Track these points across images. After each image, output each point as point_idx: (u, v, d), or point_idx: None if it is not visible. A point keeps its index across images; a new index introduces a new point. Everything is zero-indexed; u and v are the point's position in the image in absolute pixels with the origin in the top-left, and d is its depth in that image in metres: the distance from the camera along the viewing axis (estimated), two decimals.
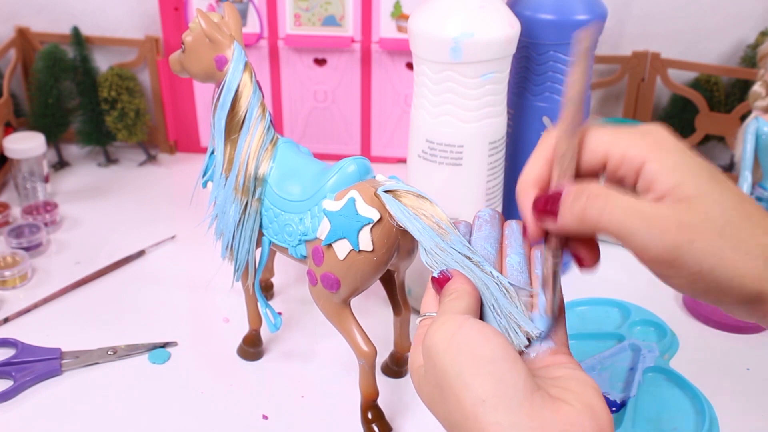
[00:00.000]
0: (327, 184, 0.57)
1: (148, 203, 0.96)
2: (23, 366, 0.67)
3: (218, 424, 0.63)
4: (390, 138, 1.03)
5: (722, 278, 0.37)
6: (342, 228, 0.55)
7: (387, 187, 0.54)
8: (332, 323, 0.59)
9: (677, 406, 0.63)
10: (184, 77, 0.66)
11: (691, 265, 0.37)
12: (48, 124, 1.00)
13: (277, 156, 0.62)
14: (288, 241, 0.60)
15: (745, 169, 0.85)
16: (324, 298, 0.58)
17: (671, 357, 0.69)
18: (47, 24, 1.04)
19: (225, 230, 0.62)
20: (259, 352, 0.70)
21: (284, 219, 0.60)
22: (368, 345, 0.58)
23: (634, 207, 0.38)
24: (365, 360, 0.58)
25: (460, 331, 0.40)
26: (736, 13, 1.00)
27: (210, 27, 0.60)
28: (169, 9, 0.97)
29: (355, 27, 0.97)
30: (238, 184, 0.60)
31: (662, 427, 0.61)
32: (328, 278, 0.56)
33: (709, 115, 0.98)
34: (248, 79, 0.60)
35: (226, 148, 0.61)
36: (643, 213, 0.38)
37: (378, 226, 0.54)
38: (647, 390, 0.64)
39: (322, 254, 0.56)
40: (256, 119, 0.60)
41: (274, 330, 0.65)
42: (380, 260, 0.55)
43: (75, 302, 0.77)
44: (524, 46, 0.72)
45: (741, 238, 0.37)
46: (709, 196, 0.38)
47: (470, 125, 0.67)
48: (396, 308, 0.64)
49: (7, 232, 0.84)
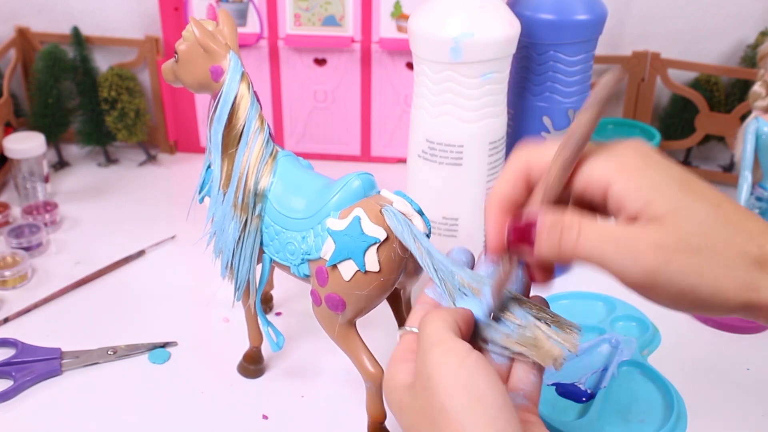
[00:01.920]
0: (331, 201, 0.55)
1: (148, 203, 0.95)
2: (23, 366, 0.67)
3: (218, 424, 0.63)
4: (390, 138, 1.03)
5: (705, 294, 0.36)
6: (347, 248, 0.52)
7: (391, 210, 0.52)
8: (337, 344, 0.57)
9: (648, 400, 0.64)
10: (177, 87, 0.63)
11: (670, 286, 0.36)
12: (48, 124, 1.00)
13: (278, 170, 0.59)
14: (290, 260, 0.57)
15: (745, 169, 0.85)
16: (328, 319, 0.56)
17: (651, 352, 0.70)
18: (47, 24, 1.04)
19: (224, 248, 0.60)
20: (260, 369, 0.67)
21: (286, 237, 0.57)
22: (375, 367, 0.56)
23: (607, 233, 0.37)
24: (372, 382, 0.56)
25: (465, 366, 0.38)
26: (736, 13, 1.00)
27: (204, 36, 0.58)
28: (169, 9, 0.97)
29: (355, 27, 0.97)
30: (236, 200, 0.58)
31: (629, 419, 0.62)
32: (333, 299, 0.54)
33: (709, 115, 0.98)
34: (245, 90, 0.58)
35: (224, 162, 0.59)
36: (616, 239, 0.37)
37: (385, 246, 0.52)
38: (620, 383, 0.65)
39: (326, 275, 0.54)
40: (254, 132, 0.58)
41: (277, 349, 0.63)
42: (387, 281, 0.53)
43: (75, 302, 0.77)
44: (524, 46, 0.72)
45: (718, 251, 0.36)
46: (680, 210, 0.37)
47: (470, 125, 0.67)
48: (402, 325, 0.61)
49: (7, 232, 0.84)
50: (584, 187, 0.39)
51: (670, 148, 1.02)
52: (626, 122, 1.01)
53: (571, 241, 0.38)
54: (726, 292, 0.36)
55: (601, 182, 0.39)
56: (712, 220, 0.37)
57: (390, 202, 0.54)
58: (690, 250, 0.36)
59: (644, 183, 0.38)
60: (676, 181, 0.38)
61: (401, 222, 0.51)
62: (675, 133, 1.02)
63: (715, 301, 0.36)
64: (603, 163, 0.39)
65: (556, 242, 0.39)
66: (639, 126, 1.00)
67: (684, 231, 0.36)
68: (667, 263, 0.36)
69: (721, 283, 0.36)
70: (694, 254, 0.36)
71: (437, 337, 0.40)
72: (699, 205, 0.37)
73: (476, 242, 0.72)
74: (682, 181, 0.38)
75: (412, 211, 0.54)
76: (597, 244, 0.38)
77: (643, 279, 0.37)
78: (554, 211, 0.40)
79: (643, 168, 0.38)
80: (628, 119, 1.02)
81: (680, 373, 0.67)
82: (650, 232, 0.37)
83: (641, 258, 0.36)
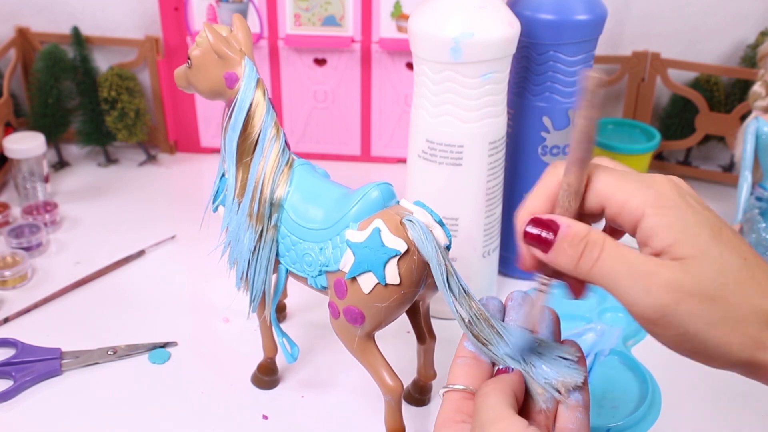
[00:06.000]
0: (350, 212, 0.54)
1: (148, 203, 0.96)
2: (23, 366, 0.67)
3: (218, 424, 0.63)
4: (390, 138, 1.03)
5: (709, 343, 0.36)
6: (367, 260, 0.51)
7: (411, 218, 0.52)
8: (355, 357, 0.56)
9: (624, 388, 0.65)
10: (190, 93, 0.61)
11: (676, 326, 0.36)
12: (48, 124, 1.00)
13: (294, 179, 0.58)
14: (307, 271, 0.56)
15: (745, 169, 0.85)
16: (346, 332, 0.55)
17: (636, 343, 0.71)
18: (47, 24, 1.04)
19: (239, 259, 0.59)
20: (274, 380, 0.66)
21: (302, 248, 0.56)
22: (394, 380, 0.54)
23: (626, 259, 0.37)
24: (391, 395, 0.55)
25: None
26: (736, 13, 1.00)
27: (218, 42, 0.56)
28: (169, 9, 0.97)
29: (355, 27, 0.97)
30: (252, 210, 0.57)
31: (602, 404, 0.63)
32: (352, 312, 0.53)
33: (709, 115, 0.98)
34: (261, 97, 0.56)
35: (239, 171, 0.57)
36: (633, 267, 0.37)
37: (405, 258, 0.51)
38: (599, 371, 0.67)
39: (345, 287, 0.53)
40: (270, 140, 0.57)
41: (292, 361, 0.62)
42: (408, 293, 0.52)
43: (75, 302, 0.77)
44: (524, 46, 0.72)
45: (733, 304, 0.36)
46: (705, 256, 0.36)
47: (470, 125, 0.67)
48: (420, 337, 0.60)
49: (7, 232, 0.84)
50: (618, 212, 0.39)
51: (670, 148, 1.02)
52: (626, 122, 1.01)
53: (592, 258, 0.38)
54: (731, 345, 0.36)
55: (636, 212, 0.38)
56: (735, 273, 0.36)
57: (410, 213, 0.53)
58: (704, 297, 0.36)
59: (677, 222, 0.37)
60: (709, 226, 0.38)
61: (424, 233, 0.51)
62: (675, 133, 1.02)
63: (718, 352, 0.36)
64: (641, 192, 0.38)
65: (576, 255, 0.39)
66: (639, 126, 1.00)
67: (702, 276, 0.36)
68: (677, 303, 0.36)
69: (729, 336, 0.36)
70: (707, 301, 0.36)
71: (496, 414, 0.40)
72: (725, 254, 0.37)
73: (476, 243, 0.72)
74: (714, 228, 0.38)
75: (432, 221, 0.53)
76: (615, 267, 0.37)
77: (650, 312, 0.37)
78: (579, 223, 0.39)
79: (680, 207, 0.38)
80: (628, 119, 1.02)
81: (663, 365, 0.67)
82: (670, 269, 0.36)
83: (652, 291, 0.36)
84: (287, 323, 0.74)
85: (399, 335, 0.69)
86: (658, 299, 0.36)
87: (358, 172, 1.01)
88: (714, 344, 0.36)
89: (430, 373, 0.62)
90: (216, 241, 0.62)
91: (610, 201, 0.39)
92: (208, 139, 1.06)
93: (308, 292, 0.60)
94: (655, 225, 0.38)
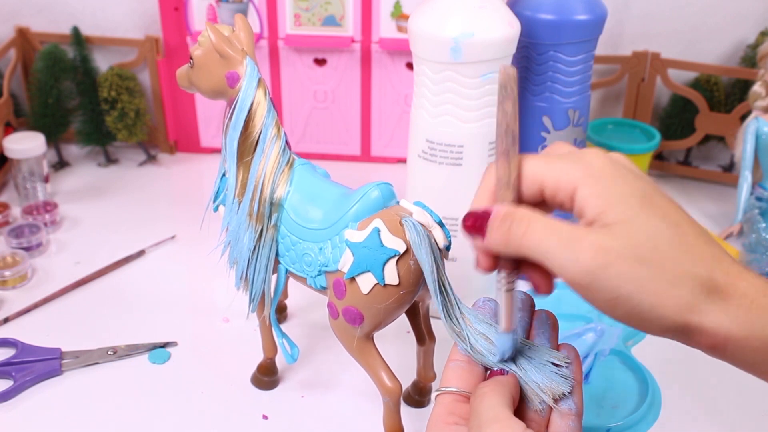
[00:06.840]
0: (349, 212, 0.54)
1: (148, 203, 0.96)
2: (23, 366, 0.67)
3: (218, 423, 0.63)
4: (390, 138, 1.03)
5: (642, 306, 0.36)
6: (366, 260, 0.51)
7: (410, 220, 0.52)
8: (354, 357, 0.56)
9: (624, 388, 0.65)
10: (192, 92, 0.61)
11: (608, 289, 0.36)
12: (48, 124, 1.00)
13: (294, 179, 0.58)
14: (306, 271, 0.56)
15: (745, 169, 0.85)
16: (345, 332, 0.55)
17: (636, 343, 0.71)
18: (47, 24, 1.04)
19: (239, 258, 0.59)
20: (274, 381, 0.66)
21: (302, 248, 0.56)
22: (393, 381, 0.54)
23: (553, 229, 0.38)
24: (390, 397, 0.55)
25: None
26: (736, 13, 1.00)
27: (220, 41, 0.56)
28: (169, 9, 0.97)
29: (355, 27, 0.97)
30: (252, 209, 0.57)
31: (602, 404, 0.63)
32: (351, 312, 0.53)
33: (709, 115, 0.98)
34: (262, 96, 0.57)
35: (239, 171, 0.58)
36: (561, 236, 0.37)
37: (404, 258, 0.51)
38: (600, 371, 0.67)
39: (344, 287, 0.53)
40: (270, 140, 0.57)
41: (292, 361, 0.62)
42: (407, 294, 0.52)
43: (75, 302, 0.77)
44: (524, 46, 0.72)
45: (665, 267, 0.36)
46: (633, 222, 0.37)
47: (470, 125, 0.67)
48: (420, 338, 0.60)
49: (7, 232, 0.84)
50: (555, 191, 0.40)
51: (670, 148, 1.02)
52: (626, 122, 1.01)
53: (519, 232, 0.39)
54: (665, 309, 0.36)
55: (569, 186, 0.39)
56: (665, 236, 0.37)
57: (410, 213, 0.53)
58: (634, 259, 0.36)
59: (606, 191, 0.38)
60: (639, 194, 0.38)
61: (419, 237, 0.51)
62: (675, 133, 1.02)
63: (652, 315, 0.36)
64: (572, 166, 0.39)
65: (505, 232, 0.39)
66: (639, 126, 1.00)
67: (631, 240, 0.36)
68: (605, 266, 0.36)
69: (661, 299, 0.36)
70: (637, 263, 0.36)
71: (494, 414, 0.40)
72: (655, 219, 0.37)
73: None
74: (645, 195, 0.38)
75: (432, 222, 0.53)
76: (541, 236, 0.38)
77: (580, 278, 0.37)
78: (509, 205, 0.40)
79: (610, 177, 0.39)
80: (628, 119, 1.02)
81: (663, 365, 0.67)
82: (598, 235, 0.37)
83: (581, 256, 0.36)
84: (287, 323, 0.74)
85: (399, 336, 0.69)
86: (586, 263, 0.36)
87: (358, 172, 1.01)
88: (647, 307, 0.36)
89: (430, 375, 0.62)
90: (216, 241, 0.62)
91: (545, 183, 0.40)
92: (208, 139, 1.06)
93: (308, 293, 0.60)
94: (587, 195, 0.38)
